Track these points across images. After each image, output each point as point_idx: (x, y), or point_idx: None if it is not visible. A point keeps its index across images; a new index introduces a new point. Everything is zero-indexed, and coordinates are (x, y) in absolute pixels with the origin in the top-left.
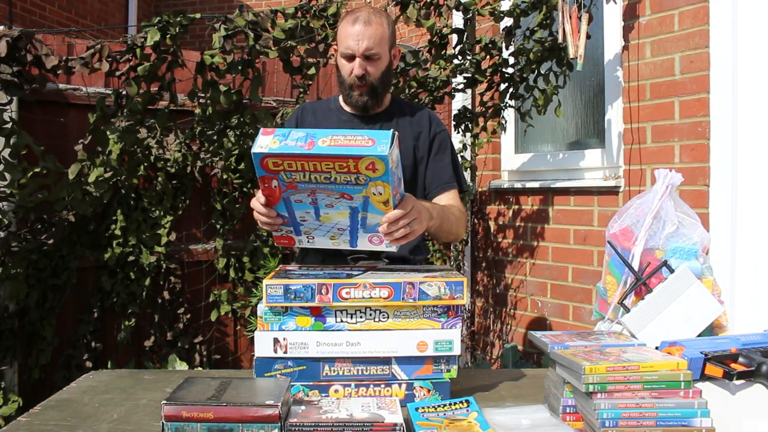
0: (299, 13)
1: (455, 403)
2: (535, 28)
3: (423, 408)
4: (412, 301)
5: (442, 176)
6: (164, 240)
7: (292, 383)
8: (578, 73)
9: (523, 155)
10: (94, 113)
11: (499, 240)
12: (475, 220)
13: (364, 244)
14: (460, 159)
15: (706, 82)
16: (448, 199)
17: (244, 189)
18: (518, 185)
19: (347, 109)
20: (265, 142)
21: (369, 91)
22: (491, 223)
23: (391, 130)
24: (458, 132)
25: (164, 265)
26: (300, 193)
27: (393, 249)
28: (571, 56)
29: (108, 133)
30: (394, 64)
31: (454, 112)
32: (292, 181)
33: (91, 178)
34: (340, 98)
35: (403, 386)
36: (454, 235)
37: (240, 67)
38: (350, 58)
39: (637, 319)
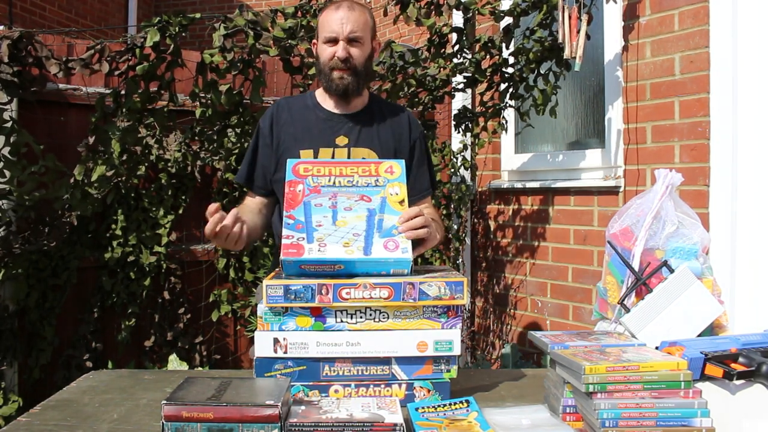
0: (299, 12)
1: (455, 403)
2: (535, 28)
3: (423, 408)
4: (413, 301)
5: (422, 184)
6: (164, 240)
7: (292, 383)
8: (578, 73)
9: (523, 155)
10: (94, 113)
11: (499, 240)
12: (475, 220)
13: (378, 251)
14: (461, 158)
15: (706, 82)
16: (424, 206)
17: (244, 189)
18: (518, 185)
19: (325, 106)
20: None
21: (352, 74)
22: (491, 223)
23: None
24: (458, 132)
25: (164, 265)
26: (321, 197)
27: (408, 256)
28: (566, 56)
29: (109, 132)
30: (375, 56)
31: (454, 111)
32: (317, 185)
33: (93, 177)
34: (317, 94)
35: (403, 386)
36: (438, 242)
37: (240, 66)
38: (333, 41)
39: (637, 319)
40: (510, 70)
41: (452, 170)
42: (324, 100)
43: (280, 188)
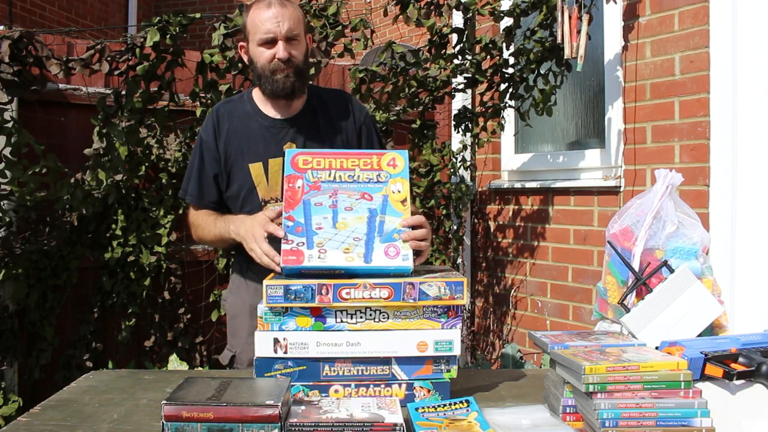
0: None
1: (455, 403)
2: (536, 28)
3: (423, 408)
4: (413, 301)
5: None
6: (164, 240)
7: (292, 383)
8: (578, 73)
9: (523, 155)
10: (95, 114)
11: (499, 240)
12: (475, 220)
13: (379, 257)
14: (461, 158)
15: (706, 82)
16: None
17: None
18: (518, 185)
19: (266, 112)
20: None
21: (295, 73)
22: (491, 223)
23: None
24: (458, 132)
25: (164, 265)
26: (321, 195)
27: (408, 264)
28: (566, 56)
29: (113, 135)
30: (309, 52)
31: (454, 112)
32: (317, 181)
33: (102, 186)
34: (255, 98)
35: (403, 386)
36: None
37: (240, 66)
38: (270, 42)
39: (637, 319)
40: (510, 70)
41: (452, 170)
42: (264, 104)
43: (235, 204)
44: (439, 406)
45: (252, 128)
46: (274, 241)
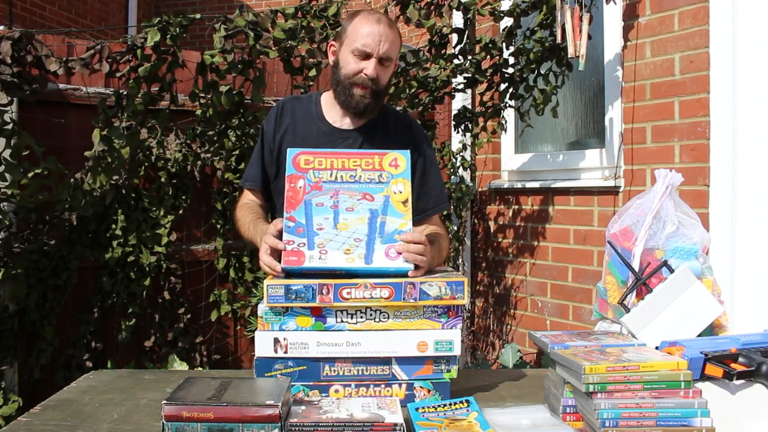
0: (299, 13)
1: (455, 403)
2: (536, 28)
3: (423, 408)
4: (413, 301)
5: (427, 202)
6: (164, 240)
7: (292, 383)
8: (578, 73)
9: (523, 155)
10: (95, 116)
11: (499, 240)
12: (475, 220)
13: (380, 258)
14: (460, 158)
15: (706, 82)
16: (432, 225)
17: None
18: (518, 185)
19: (329, 117)
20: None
21: (373, 94)
22: (491, 223)
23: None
24: (458, 132)
25: (164, 265)
26: (323, 195)
27: (410, 267)
28: (571, 56)
29: (114, 138)
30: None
31: (454, 112)
32: (318, 181)
33: (99, 184)
34: (323, 101)
35: (404, 386)
36: (437, 265)
37: (240, 67)
38: (365, 56)
39: (637, 319)
40: (510, 70)
41: (452, 170)
42: (330, 109)
43: (279, 197)
44: (439, 406)
45: (310, 130)
46: None
